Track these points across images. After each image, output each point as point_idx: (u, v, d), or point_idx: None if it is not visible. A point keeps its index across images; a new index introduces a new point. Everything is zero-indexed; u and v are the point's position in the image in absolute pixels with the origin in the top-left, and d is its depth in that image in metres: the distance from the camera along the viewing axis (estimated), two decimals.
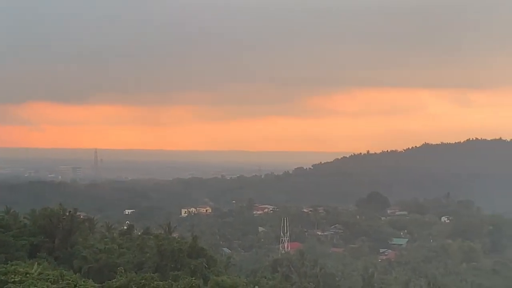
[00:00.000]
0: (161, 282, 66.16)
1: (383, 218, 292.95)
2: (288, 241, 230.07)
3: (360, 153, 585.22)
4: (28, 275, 62.60)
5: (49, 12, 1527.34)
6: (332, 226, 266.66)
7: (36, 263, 72.16)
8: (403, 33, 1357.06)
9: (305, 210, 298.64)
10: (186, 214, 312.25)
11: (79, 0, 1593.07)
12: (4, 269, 64.42)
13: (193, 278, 72.25)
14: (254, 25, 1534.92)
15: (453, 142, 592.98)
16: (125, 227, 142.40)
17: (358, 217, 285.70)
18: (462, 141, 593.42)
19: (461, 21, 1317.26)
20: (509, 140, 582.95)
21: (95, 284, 66.31)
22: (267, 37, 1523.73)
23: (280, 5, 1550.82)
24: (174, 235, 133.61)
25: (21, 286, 58.40)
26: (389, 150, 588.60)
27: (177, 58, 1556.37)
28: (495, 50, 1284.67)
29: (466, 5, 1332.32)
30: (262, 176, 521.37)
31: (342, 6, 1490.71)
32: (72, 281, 62.54)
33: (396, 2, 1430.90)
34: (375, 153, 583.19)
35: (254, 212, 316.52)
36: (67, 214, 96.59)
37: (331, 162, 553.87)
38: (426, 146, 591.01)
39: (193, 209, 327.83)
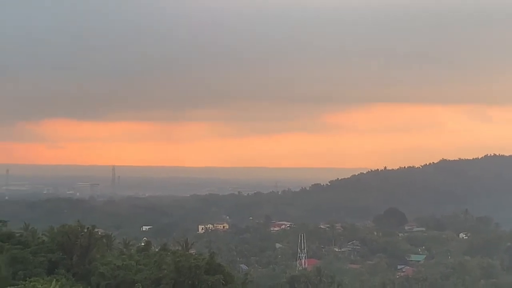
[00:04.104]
0: None
1: (400, 234, 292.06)
2: (305, 258, 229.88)
3: (377, 169, 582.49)
4: None
5: (65, 31, 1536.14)
6: (350, 243, 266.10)
7: (55, 279, 72.56)
8: (420, 49, 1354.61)
9: (322, 227, 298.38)
10: (203, 231, 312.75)
11: (95, 18, 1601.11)
12: (23, 285, 64.98)
13: None
14: (269, 42, 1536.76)
15: (471, 158, 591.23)
16: (143, 244, 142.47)
17: (375, 233, 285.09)
18: (480, 157, 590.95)
19: (479, 36, 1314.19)
20: None
21: None
22: (283, 53, 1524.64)
23: (296, 22, 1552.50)
24: (192, 251, 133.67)
25: None
26: (406, 166, 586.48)
27: (194, 75, 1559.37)
28: None
29: (484, 20, 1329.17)
30: (279, 193, 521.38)
31: (358, 22, 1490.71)
32: None
33: (414, 18, 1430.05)
34: (392, 169, 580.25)
35: (271, 229, 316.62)
36: (85, 230, 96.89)
37: (348, 178, 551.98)
38: (443, 162, 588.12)
39: (210, 226, 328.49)
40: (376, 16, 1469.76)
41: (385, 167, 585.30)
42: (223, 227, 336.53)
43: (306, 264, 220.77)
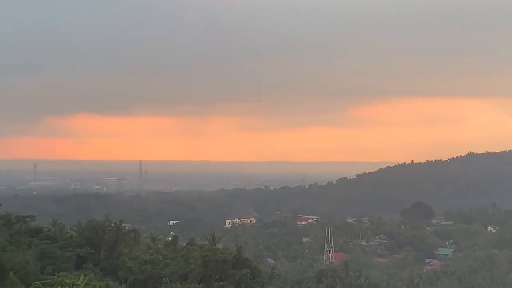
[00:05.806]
0: None
1: (428, 228, 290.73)
2: (332, 252, 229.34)
3: (404, 163, 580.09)
4: (74, 286, 63.31)
5: (91, 27, 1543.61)
6: (377, 236, 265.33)
7: (83, 274, 72.87)
8: (447, 41, 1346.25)
9: (349, 221, 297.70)
10: (230, 225, 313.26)
11: (120, 14, 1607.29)
12: (51, 280, 65.28)
13: None
14: (295, 36, 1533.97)
15: (499, 151, 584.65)
16: (170, 238, 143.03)
17: (402, 227, 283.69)
18: (507, 150, 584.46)
19: (506, 28, 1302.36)
20: None
21: None
22: (310, 48, 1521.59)
23: (322, 16, 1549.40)
24: (219, 246, 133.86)
25: None
26: (433, 160, 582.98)
27: (220, 69, 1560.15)
28: None
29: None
30: (306, 187, 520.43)
31: (384, 16, 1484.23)
32: None
33: (440, 12, 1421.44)
34: (420, 162, 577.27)
35: (298, 223, 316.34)
36: (113, 225, 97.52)
37: (375, 172, 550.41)
38: (471, 155, 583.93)
39: (237, 220, 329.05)
40: (401, 10, 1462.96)
41: (412, 161, 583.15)
42: (250, 221, 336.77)
43: (333, 258, 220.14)
